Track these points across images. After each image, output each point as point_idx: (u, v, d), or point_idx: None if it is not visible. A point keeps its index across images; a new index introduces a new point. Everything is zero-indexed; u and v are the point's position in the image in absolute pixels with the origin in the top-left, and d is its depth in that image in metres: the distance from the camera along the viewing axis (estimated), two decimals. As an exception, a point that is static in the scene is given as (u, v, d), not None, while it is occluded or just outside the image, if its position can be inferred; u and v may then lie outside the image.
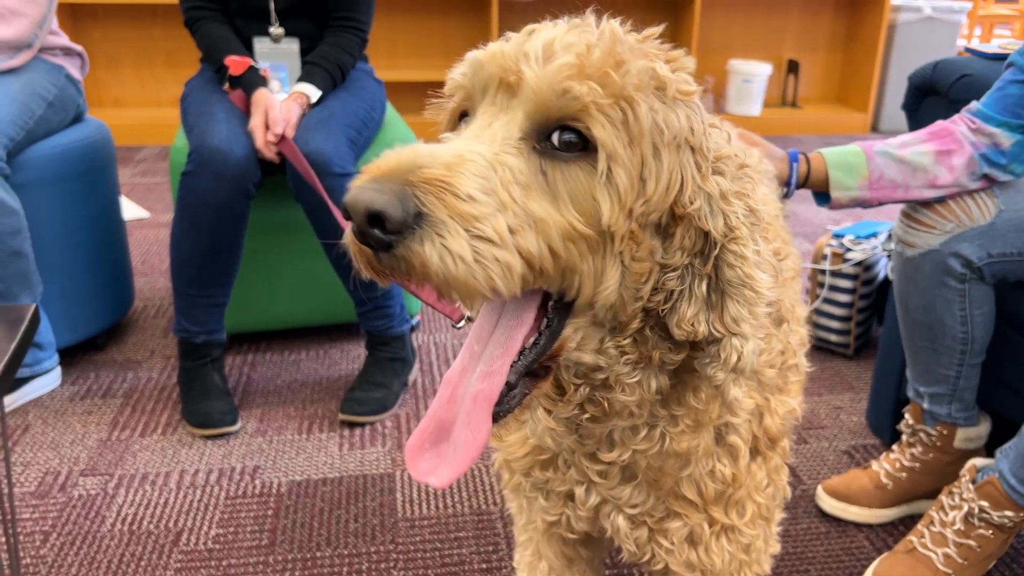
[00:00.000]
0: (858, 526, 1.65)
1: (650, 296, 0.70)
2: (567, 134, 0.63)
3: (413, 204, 0.57)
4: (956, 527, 1.42)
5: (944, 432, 1.59)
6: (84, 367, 2.21)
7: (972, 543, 1.41)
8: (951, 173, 1.38)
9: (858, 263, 2.23)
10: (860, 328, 2.30)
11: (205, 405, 1.93)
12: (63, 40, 2.14)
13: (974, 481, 1.43)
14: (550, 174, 0.64)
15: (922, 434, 1.61)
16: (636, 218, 0.65)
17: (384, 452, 1.88)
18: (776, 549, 1.02)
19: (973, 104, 1.41)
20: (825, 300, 2.30)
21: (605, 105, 0.62)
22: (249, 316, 2.25)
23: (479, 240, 0.58)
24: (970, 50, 1.76)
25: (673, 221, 0.68)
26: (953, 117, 1.42)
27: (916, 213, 1.45)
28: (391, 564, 1.54)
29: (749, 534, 0.94)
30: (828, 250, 2.28)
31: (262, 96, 1.88)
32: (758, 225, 0.71)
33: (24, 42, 2.00)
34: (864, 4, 4.98)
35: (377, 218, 0.56)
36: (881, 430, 1.92)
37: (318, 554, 1.57)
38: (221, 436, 1.92)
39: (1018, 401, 1.55)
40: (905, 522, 1.65)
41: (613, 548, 1.09)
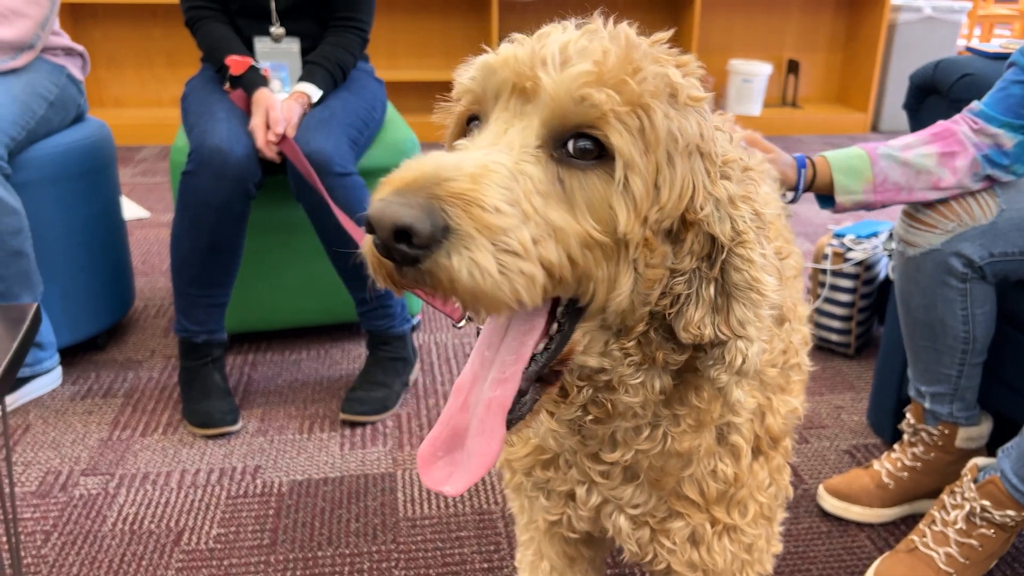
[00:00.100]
0: (860, 525, 1.65)
1: (657, 300, 0.70)
2: (583, 141, 0.63)
3: (441, 218, 0.55)
4: (958, 526, 1.43)
5: (945, 431, 1.59)
6: (85, 367, 2.21)
7: (974, 542, 1.41)
8: (954, 175, 1.38)
9: (859, 263, 2.23)
10: (861, 328, 2.30)
11: (206, 405, 1.93)
12: (65, 40, 2.14)
13: (976, 480, 1.43)
14: (567, 182, 0.63)
15: (923, 433, 1.61)
16: (650, 225, 0.65)
17: (385, 452, 1.88)
18: (778, 549, 1.02)
19: (975, 104, 1.41)
20: (826, 300, 2.30)
21: (623, 113, 0.62)
22: (250, 316, 2.25)
23: (505, 253, 0.57)
24: (971, 49, 1.76)
25: (684, 227, 0.68)
26: (955, 117, 1.42)
27: (918, 212, 1.45)
28: (392, 564, 1.54)
29: (751, 534, 0.94)
30: (829, 250, 2.27)
31: (263, 96, 1.88)
32: (763, 228, 0.71)
33: (26, 43, 2.00)
34: (864, 4, 4.98)
35: (404, 233, 0.55)
36: (882, 429, 1.92)
37: (319, 554, 1.57)
38: (222, 436, 1.92)
39: (1019, 400, 1.55)
40: (907, 521, 1.65)
41: (615, 548, 1.09)
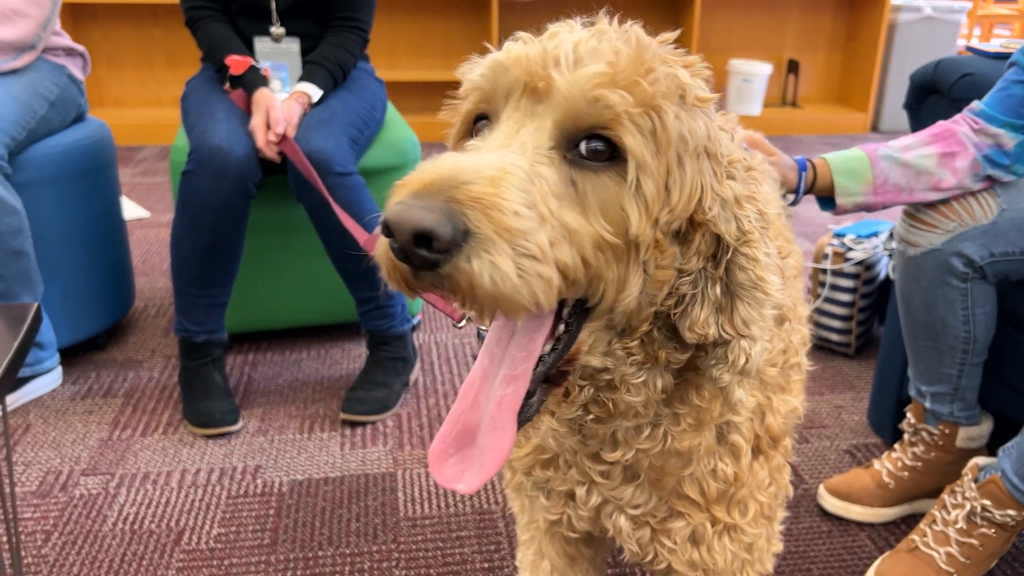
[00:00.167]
0: (860, 525, 1.65)
1: (663, 300, 0.70)
2: (594, 142, 0.63)
3: (461, 222, 0.55)
4: (958, 526, 1.42)
5: (946, 431, 1.58)
6: (85, 367, 2.21)
7: (974, 542, 1.41)
8: (955, 175, 1.38)
9: (859, 262, 2.23)
10: (861, 327, 2.30)
11: (206, 405, 1.93)
12: (65, 40, 2.14)
13: (976, 480, 1.43)
14: (580, 184, 0.63)
15: (924, 433, 1.61)
16: (661, 227, 0.65)
17: (386, 451, 1.88)
18: (778, 548, 1.02)
19: (975, 104, 1.41)
20: (826, 299, 2.30)
21: (636, 114, 0.62)
22: (250, 316, 2.25)
23: (524, 257, 0.57)
24: (972, 49, 1.76)
25: (692, 228, 0.68)
26: (955, 117, 1.42)
27: (918, 212, 1.45)
28: (393, 563, 1.54)
29: (751, 533, 0.94)
30: (829, 249, 2.27)
31: (263, 96, 1.88)
32: (767, 228, 0.71)
33: (28, 43, 2.00)
34: (864, 4, 4.98)
35: (424, 237, 0.55)
36: (883, 429, 1.92)
37: (320, 553, 1.56)
38: (222, 435, 1.92)
39: (1020, 400, 1.55)
40: (907, 521, 1.65)
41: (615, 547, 1.09)
